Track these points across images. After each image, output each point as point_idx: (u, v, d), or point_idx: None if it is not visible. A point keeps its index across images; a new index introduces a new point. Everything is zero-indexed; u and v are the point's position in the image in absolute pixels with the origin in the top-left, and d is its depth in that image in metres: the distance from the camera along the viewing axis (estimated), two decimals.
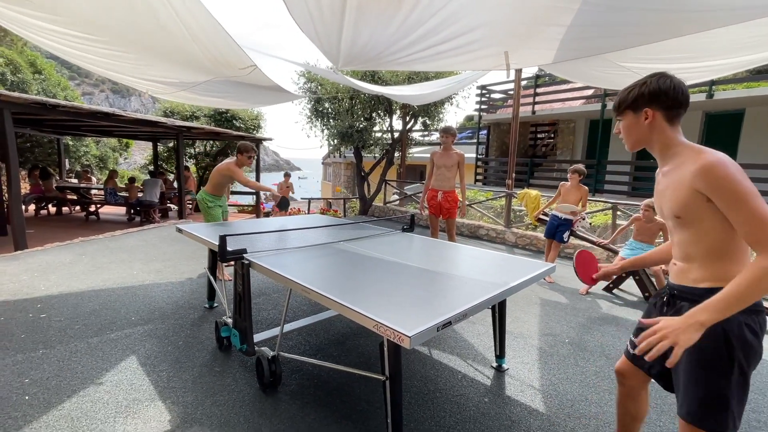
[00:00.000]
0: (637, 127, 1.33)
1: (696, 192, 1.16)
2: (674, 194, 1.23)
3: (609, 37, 3.07)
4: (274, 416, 2.02)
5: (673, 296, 1.34)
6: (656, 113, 1.28)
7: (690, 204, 1.18)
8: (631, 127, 1.35)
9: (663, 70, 1.32)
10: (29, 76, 11.60)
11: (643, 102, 1.29)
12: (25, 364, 2.43)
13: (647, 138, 1.33)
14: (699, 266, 1.24)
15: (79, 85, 67.44)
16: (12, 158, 5.41)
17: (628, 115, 1.35)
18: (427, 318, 1.51)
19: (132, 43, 4.04)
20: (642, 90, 1.29)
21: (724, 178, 1.10)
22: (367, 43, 3.49)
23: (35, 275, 4.14)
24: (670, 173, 1.27)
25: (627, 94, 1.33)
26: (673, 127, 1.29)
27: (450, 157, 4.60)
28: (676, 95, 1.25)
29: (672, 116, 1.28)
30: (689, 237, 1.24)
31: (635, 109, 1.32)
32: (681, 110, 1.28)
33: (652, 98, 1.27)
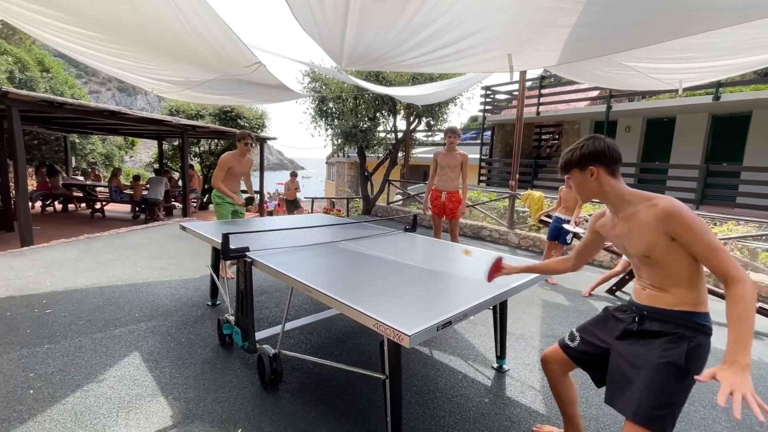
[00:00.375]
0: (586, 183, 1.49)
1: (662, 234, 1.32)
2: (640, 237, 1.37)
3: (614, 37, 3.06)
4: (275, 413, 2.04)
5: (644, 316, 1.45)
6: (599, 169, 1.45)
7: (658, 245, 1.33)
8: (581, 184, 1.51)
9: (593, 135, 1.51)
10: (37, 74, 11.70)
11: (587, 161, 1.46)
12: (30, 359, 2.47)
13: (598, 191, 1.48)
14: (673, 294, 1.38)
15: (86, 83, 67.98)
16: (20, 155, 5.48)
17: (575, 173, 1.51)
18: (428, 317, 1.51)
19: (137, 42, 4.07)
20: (583, 151, 1.46)
21: (685, 219, 1.27)
22: (370, 44, 3.50)
23: (41, 271, 4.19)
24: (630, 218, 1.42)
25: (571, 155, 1.50)
26: (617, 179, 1.46)
27: (454, 158, 4.60)
28: (612, 153, 1.44)
29: (613, 171, 1.45)
30: (660, 271, 1.39)
31: (581, 168, 1.48)
32: (618, 165, 1.47)
33: (593, 157, 1.44)
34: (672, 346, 1.34)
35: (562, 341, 1.72)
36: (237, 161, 4.09)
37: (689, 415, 2.21)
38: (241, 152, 4.11)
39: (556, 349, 1.71)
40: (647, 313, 1.44)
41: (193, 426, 1.92)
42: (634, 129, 11.51)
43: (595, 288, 4.34)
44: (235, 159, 4.08)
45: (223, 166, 4.03)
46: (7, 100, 5.23)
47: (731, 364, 1.15)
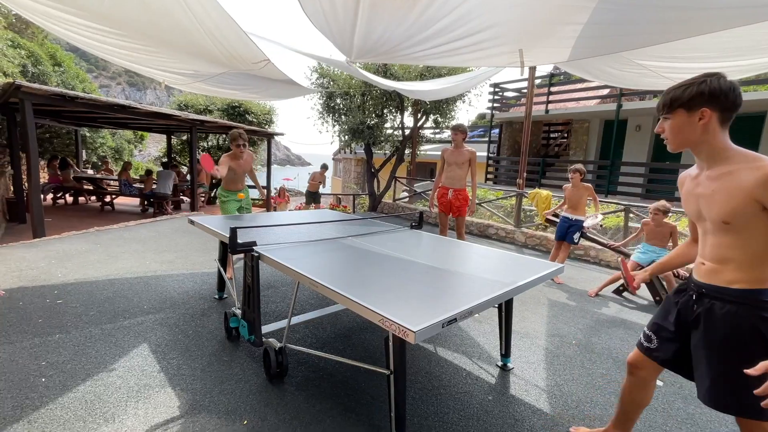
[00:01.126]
0: (689, 127, 1.28)
1: (754, 200, 1.17)
2: (727, 200, 1.22)
3: (626, 35, 3.02)
4: (280, 406, 2.06)
5: (701, 294, 1.36)
6: (713, 114, 1.24)
7: (745, 211, 1.19)
8: (682, 127, 1.29)
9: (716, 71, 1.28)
10: (49, 68, 11.85)
11: (701, 101, 1.24)
12: (42, 348, 2.52)
13: (697, 139, 1.29)
14: (735, 269, 1.26)
15: (97, 77, 68.70)
16: (32, 148, 5.56)
17: (679, 114, 1.29)
18: (433, 314, 1.52)
19: (148, 36, 4.11)
20: (701, 88, 1.23)
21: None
22: (380, 38, 3.49)
23: (52, 262, 4.26)
24: (722, 178, 1.25)
25: (682, 92, 1.27)
26: (724, 131, 1.27)
27: (461, 155, 4.58)
28: (735, 98, 1.22)
29: (726, 119, 1.26)
30: (731, 241, 1.25)
31: (690, 108, 1.26)
32: (734, 114, 1.26)
33: (712, 98, 1.23)
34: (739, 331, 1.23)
35: (641, 345, 1.60)
36: (235, 163, 3.99)
37: (695, 417, 2.19)
38: (234, 155, 4.00)
39: (640, 354, 1.60)
40: (706, 291, 1.34)
41: (200, 416, 1.95)
42: (645, 128, 11.35)
43: (602, 288, 4.31)
44: (232, 161, 3.98)
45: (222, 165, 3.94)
46: (20, 94, 5.31)
47: None
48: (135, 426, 1.86)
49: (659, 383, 2.52)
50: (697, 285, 1.39)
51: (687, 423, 2.13)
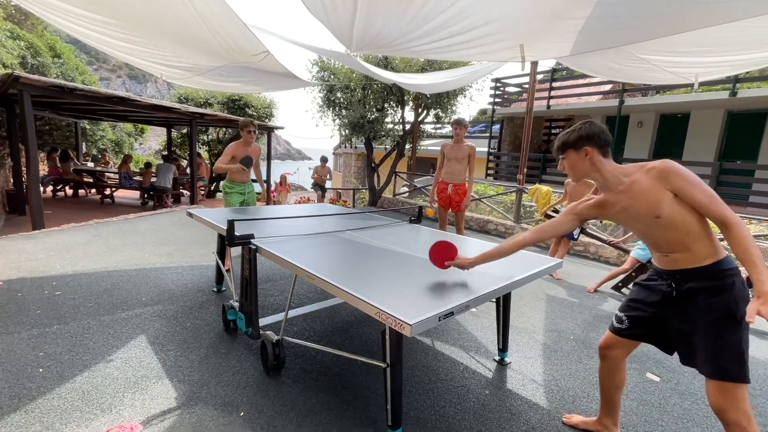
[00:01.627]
0: (580, 162, 1.63)
1: (665, 191, 1.44)
2: (647, 200, 1.48)
3: (628, 29, 2.99)
4: (277, 398, 2.07)
5: (677, 279, 1.55)
6: (593, 150, 1.59)
7: (664, 202, 1.45)
8: (575, 163, 1.64)
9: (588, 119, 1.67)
10: (49, 59, 11.77)
11: (583, 142, 1.60)
12: (40, 339, 2.52)
13: (589, 170, 1.62)
14: (694, 251, 1.48)
15: (97, 70, 68.40)
16: (31, 140, 5.54)
17: (570, 154, 1.64)
18: (429, 307, 1.51)
19: (146, 27, 4.07)
20: (580, 132, 1.61)
21: (682, 172, 1.43)
22: (380, 32, 3.46)
23: (51, 254, 4.26)
24: (629, 188, 1.53)
25: (568, 137, 1.64)
26: (608, 159, 1.61)
27: (461, 150, 4.56)
28: (606, 136, 1.60)
29: (605, 152, 1.61)
30: (675, 234, 1.48)
31: (576, 148, 1.62)
32: (609, 148, 1.62)
33: (589, 138, 1.59)
34: (715, 301, 1.43)
35: (612, 327, 1.79)
36: (242, 150, 4.01)
37: (691, 412, 2.20)
38: (245, 141, 4.03)
39: (611, 336, 1.78)
40: (680, 276, 1.53)
41: (197, 408, 1.95)
42: (647, 124, 11.30)
43: (601, 285, 4.30)
44: (240, 148, 4.01)
45: (227, 153, 3.99)
46: (19, 85, 5.28)
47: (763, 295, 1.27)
48: (132, 417, 1.87)
49: (655, 378, 2.52)
50: (669, 273, 1.58)
51: (683, 419, 2.14)
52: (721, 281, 1.44)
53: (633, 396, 2.31)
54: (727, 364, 1.42)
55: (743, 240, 1.34)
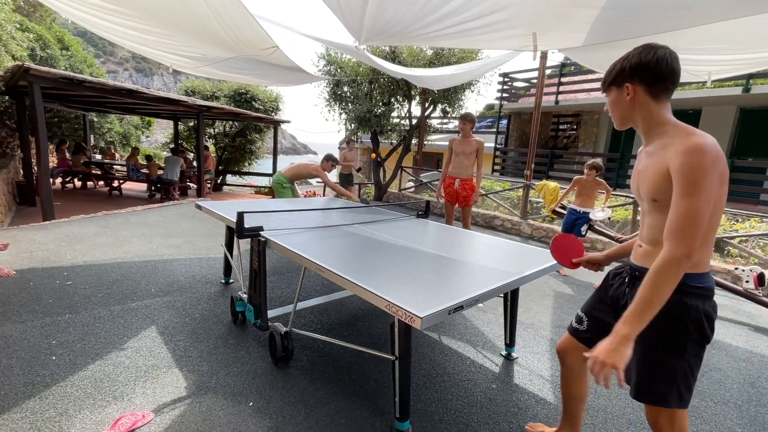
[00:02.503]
0: (621, 104, 1.29)
1: (668, 173, 1.13)
2: (654, 176, 1.19)
3: (643, 20, 2.94)
4: (285, 389, 2.08)
5: (635, 277, 1.34)
6: (637, 88, 1.23)
7: (664, 186, 1.16)
8: (615, 104, 1.31)
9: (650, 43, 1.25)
10: (57, 52, 11.83)
11: (623, 77, 1.25)
12: (53, 327, 2.56)
13: (630, 115, 1.29)
14: None
15: (104, 63, 68.65)
16: (41, 132, 5.59)
17: (611, 91, 1.31)
18: (439, 301, 1.51)
19: (157, 18, 4.08)
20: (624, 64, 1.25)
21: (693, 163, 1.07)
22: (392, 17, 3.42)
23: (62, 245, 4.32)
24: (655, 153, 1.21)
25: (611, 69, 1.30)
26: (659, 104, 1.23)
27: (469, 144, 4.53)
28: (658, 68, 1.19)
29: (656, 91, 1.22)
30: (662, 222, 1.20)
31: (618, 85, 1.28)
32: (667, 84, 1.22)
33: (633, 73, 1.23)
34: (661, 316, 1.14)
35: (570, 327, 1.59)
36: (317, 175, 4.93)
37: (699, 410, 2.19)
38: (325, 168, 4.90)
39: (569, 337, 1.58)
40: (639, 273, 1.31)
41: (206, 397, 1.98)
42: None
43: None
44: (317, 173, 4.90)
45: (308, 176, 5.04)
46: (29, 77, 5.32)
47: (613, 335, 1.12)
48: (143, 404, 1.90)
49: None
50: (632, 268, 1.37)
51: (691, 416, 2.13)
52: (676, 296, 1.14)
53: None
54: (655, 386, 1.22)
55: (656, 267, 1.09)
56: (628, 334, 1.10)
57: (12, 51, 8.65)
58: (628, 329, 1.10)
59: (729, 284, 3.83)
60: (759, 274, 3.61)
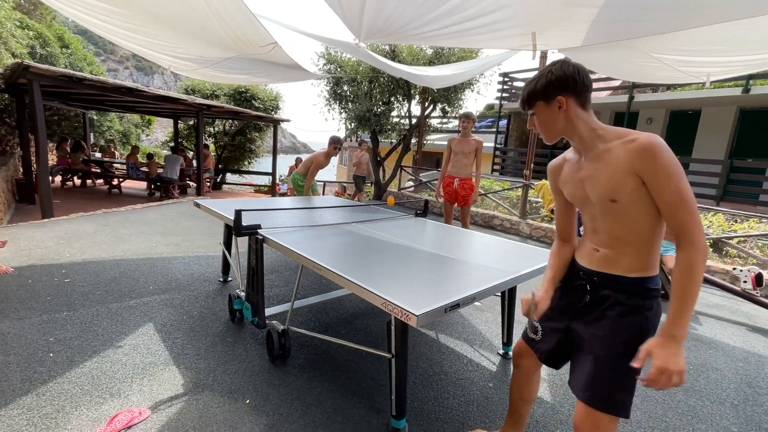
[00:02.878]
0: (552, 117, 1.27)
1: (632, 173, 1.15)
2: (610, 176, 1.18)
3: (642, 20, 2.93)
4: (282, 387, 2.09)
5: (594, 283, 1.30)
6: (568, 100, 1.24)
7: (626, 187, 1.16)
8: (546, 119, 1.29)
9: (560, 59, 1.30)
10: (57, 50, 11.83)
11: (554, 90, 1.24)
12: (50, 324, 2.56)
13: (563, 127, 1.28)
14: (628, 256, 1.23)
15: (105, 61, 68.64)
16: (41, 130, 5.60)
17: (539, 107, 1.29)
18: (436, 299, 1.52)
19: (154, 18, 4.07)
20: (549, 78, 1.25)
21: (663, 157, 1.10)
22: (390, 15, 3.41)
23: (60, 242, 4.32)
24: (601, 157, 1.22)
25: (535, 85, 1.28)
26: (587, 112, 1.26)
27: (468, 144, 4.53)
28: (583, 79, 1.23)
29: (583, 101, 1.26)
30: (620, 226, 1.22)
31: (547, 99, 1.26)
32: (589, 94, 1.27)
33: (561, 85, 1.23)
34: (627, 322, 1.21)
35: (525, 335, 1.56)
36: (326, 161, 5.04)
37: (695, 409, 2.19)
38: (329, 153, 5.04)
39: (522, 343, 1.57)
40: (597, 279, 1.29)
41: (204, 395, 1.98)
42: (656, 121, 11.15)
43: None
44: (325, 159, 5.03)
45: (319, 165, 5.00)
46: (28, 74, 5.32)
47: (668, 339, 1.10)
48: (140, 401, 1.90)
49: None
50: (587, 273, 1.33)
51: (687, 415, 2.13)
52: (640, 300, 1.21)
53: (637, 393, 2.29)
54: (614, 393, 1.21)
55: (691, 269, 1.08)
56: (681, 337, 1.10)
57: (12, 48, 8.65)
58: (678, 330, 1.10)
59: (727, 284, 3.84)
60: (757, 274, 3.62)
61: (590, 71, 5.70)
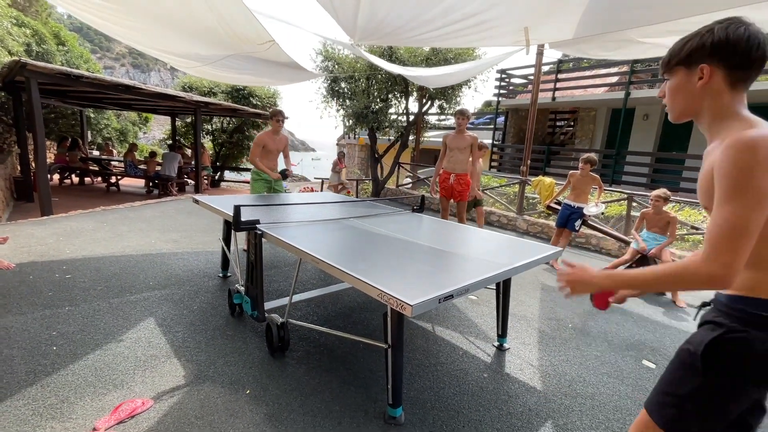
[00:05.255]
0: (687, 89, 1.01)
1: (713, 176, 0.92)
2: (701, 180, 1.00)
3: (633, 9, 2.96)
4: (281, 378, 2.14)
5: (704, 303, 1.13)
6: (715, 71, 0.96)
7: (712, 192, 0.93)
8: (678, 90, 1.03)
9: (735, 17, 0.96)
10: (53, 47, 11.77)
11: (701, 56, 0.97)
12: (53, 319, 2.60)
13: (696, 105, 1.02)
14: None
15: (101, 59, 68.18)
16: (39, 128, 5.61)
17: (678, 73, 1.03)
18: (430, 290, 1.56)
19: (152, 16, 4.08)
20: (704, 39, 0.96)
21: (736, 160, 0.86)
22: (384, 18, 3.46)
23: (61, 239, 4.35)
24: (711, 153, 0.98)
25: (683, 45, 1.02)
26: (734, 94, 0.97)
27: (463, 140, 4.58)
28: (748, 50, 0.92)
29: (737, 79, 0.95)
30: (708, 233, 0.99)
31: (689, 65, 1.00)
32: (751, 72, 0.95)
33: (715, 51, 0.95)
34: (701, 332, 1.01)
35: None
36: (271, 139, 4.27)
37: None
38: (274, 130, 4.31)
39: None
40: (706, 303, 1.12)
41: (205, 386, 2.03)
42: (653, 117, 11.20)
43: None
44: (269, 137, 4.27)
45: (258, 144, 4.24)
46: (26, 72, 5.33)
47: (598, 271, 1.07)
48: (143, 392, 1.95)
49: (651, 365, 2.58)
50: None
51: None
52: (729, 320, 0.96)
53: (629, 382, 2.36)
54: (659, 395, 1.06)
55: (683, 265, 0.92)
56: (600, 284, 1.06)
57: (8, 46, 8.62)
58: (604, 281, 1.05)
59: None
60: None
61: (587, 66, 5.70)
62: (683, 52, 1.01)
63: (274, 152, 4.36)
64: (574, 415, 2.02)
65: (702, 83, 0.99)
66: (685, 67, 1.01)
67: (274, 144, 4.31)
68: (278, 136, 4.34)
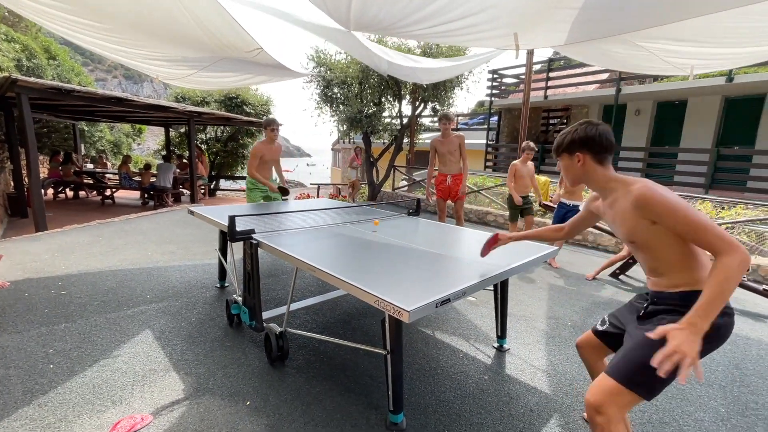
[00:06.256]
0: (572, 167, 1.53)
1: (640, 218, 1.33)
2: (623, 223, 1.41)
3: (622, 18, 3.00)
4: (281, 387, 2.13)
5: (651, 302, 1.47)
6: (586, 156, 1.48)
7: (638, 229, 1.36)
8: (568, 168, 1.56)
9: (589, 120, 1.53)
10: (44, 61, 11.75)
11: (575, 147, 1.50)
12: (49, 336, 2.58)
13: (581, 177, 1.53)
14: (668, 277, 1.39)
15: (93, 71, 68.11)
16: (31, 143, 5.58)
17: (564, 157, 1.55)
18: (427, 295, 1.56)
19: (138, 29, 4.08)
20: (573, 136, 1.49)
21: (660, 202, 1.27)
22: (376, 15, 3.46)
23: (56, 255, 4.32)
24: (613, 205, 1.46)
25: (563, 140, 1.54)
26: (604, 167, 1.48)
27: (451, 143, 4.64)
28: (602, 141, 1.45)
29: (601, 159, 1.47)
30: (649, 256, 1.42)
31: (570, 153, 1.52)
32: (607, 153, 1.47)
33: (583, 144, 1.47)
34: (669, 319, 1.31)
35: (594, 327, 1.77)
36: (267, 149, 4.31)
37: (684, 392, 2.26)
38: (269, 139, 4.34)
39: (588, 334, 1.76)
40: (652, 298, 1.47)
41: (204, 398, 2.01)
42: (644, 112, 11.29)
43: (599, 272, 4.36)
44: (266, 147, 4.30)
45: (255, 155, 4.25)
46: (17, 88, 5.31)
47: (687, 326, 1.15)
48: (142, 408, 1.93)
49: None
50: (649, 294, 1.52)
51: (677, 398, 2.19)
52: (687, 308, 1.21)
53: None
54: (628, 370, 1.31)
55: (722, 268, 1.15)
56: (699, 324, 1.14)
57: None
58: (698, 319, 1.14)
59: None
60: None
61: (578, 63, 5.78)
62: (564, 144, 1.53)
63: (270, 162, 4.41)
64: (575, 414, 2.02)
65: (580, 164, 1.50)
66: (568, 154, 1.53)
67: (270, 154, 4.36)
68: (273, 146, 4.38)
